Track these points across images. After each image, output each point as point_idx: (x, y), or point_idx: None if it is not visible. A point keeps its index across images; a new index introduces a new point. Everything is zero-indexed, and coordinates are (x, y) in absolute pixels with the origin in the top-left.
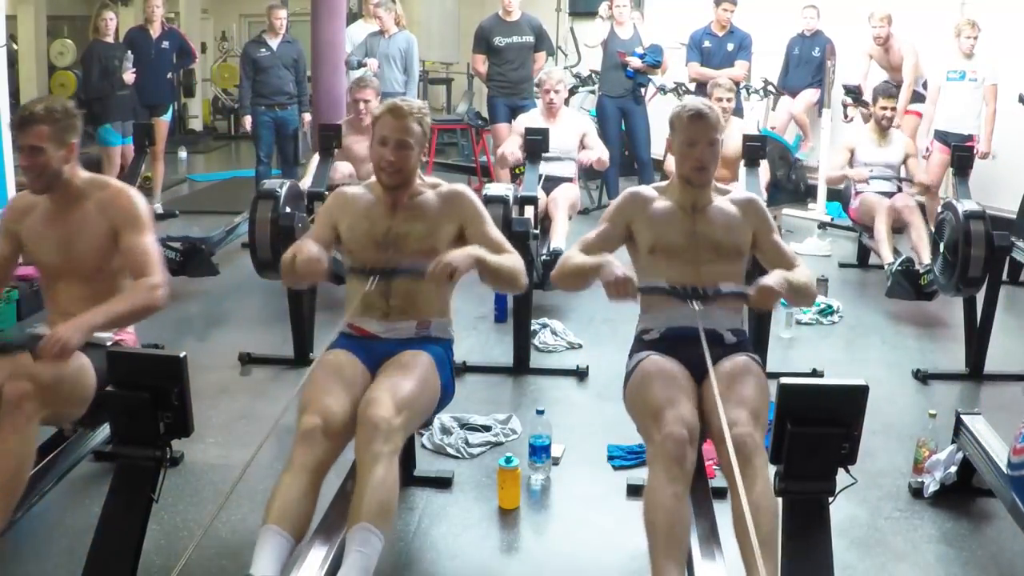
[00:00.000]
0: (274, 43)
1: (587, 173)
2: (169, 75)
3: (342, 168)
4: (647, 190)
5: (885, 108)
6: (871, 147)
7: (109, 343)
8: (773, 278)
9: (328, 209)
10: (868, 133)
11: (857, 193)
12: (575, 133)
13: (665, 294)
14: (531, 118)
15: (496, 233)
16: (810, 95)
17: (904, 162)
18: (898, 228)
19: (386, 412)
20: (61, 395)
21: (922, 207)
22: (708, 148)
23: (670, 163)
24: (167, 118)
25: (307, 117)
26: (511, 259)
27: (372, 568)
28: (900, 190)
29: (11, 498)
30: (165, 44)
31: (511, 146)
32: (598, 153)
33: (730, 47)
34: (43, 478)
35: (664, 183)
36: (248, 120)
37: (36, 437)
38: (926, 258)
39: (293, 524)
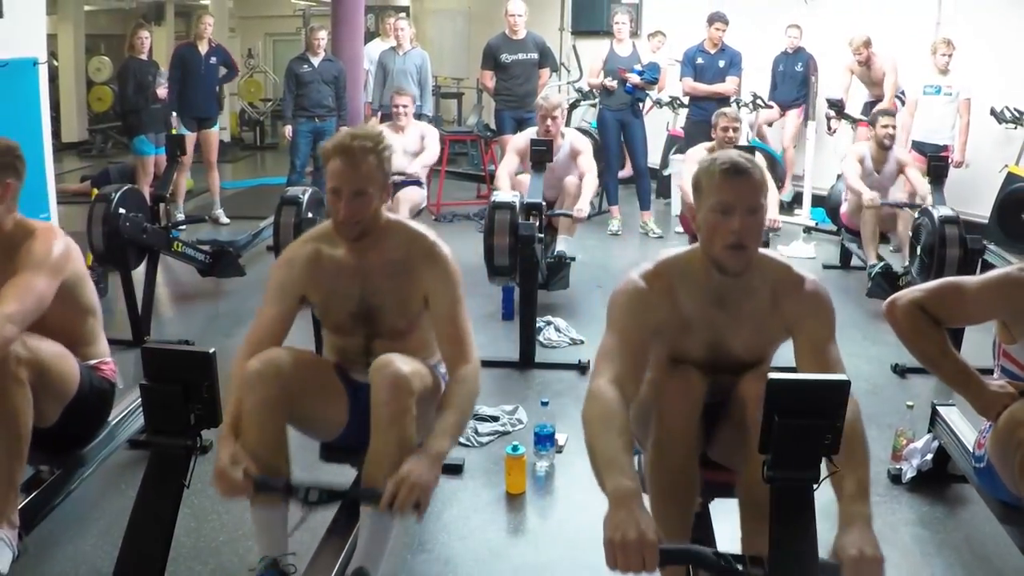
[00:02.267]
0: (315, 60)
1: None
2: (217, 89)
3: None
4: (663, 283)
5: (887, 126)
6: (871, 171)
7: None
8: (861, 537)
9: (284, 285)
10: (868, 152)
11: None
12: (570, 160)
13: (698, 565)
14: (530, 138)
15: (460, 319)
16: (795, 120)
17: (901, 172)
18: (883, 233)
19: (404, 369)
20: (44, 370)
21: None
22: (749, 217)
23: (689, 165)
24: (216, 129)
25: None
26: (465, 399)
27: (387, 544)
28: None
29: (16, 460)
30: (213, 60)
31: (505, 172)
32: (581, 205)
33: (721, 63)
34: (81, 465)
35: (689, 256)
36: (289, 130)
37: (29, 405)
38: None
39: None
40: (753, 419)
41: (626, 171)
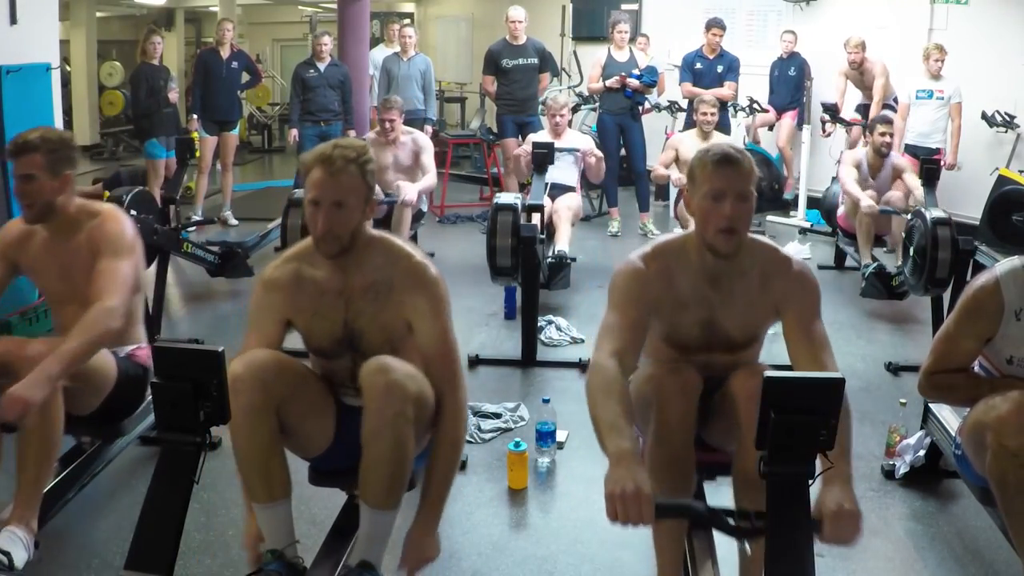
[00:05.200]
0: (321, 66)
1: (588, 183)
2: (239, 93)
3: None
4: (660, 264)
5: (884, 134)
6: (867, 177)
7: (122, 354)
8: (841, 493)
9: (265, 310)
10: (865, 157)
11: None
12: (577, 147)
13: (692, 519)
14: (540, 137)
15: (446, 345)
16: (789, 123)
17: (898, 179)
18: (879, 235)
19: (398, 372)
20: (82, 373)
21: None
22: (740, 204)
23: (683, 213)
24: (235, 133)
25: (352, 134)
26: (454, 461)
27: (387, 537)
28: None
29: (44, 468)
30: (234, 64)
31: (523, 150)
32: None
33: (719, 69)
34: (94, 461)
35: (683, 240)
36: (294, 133)
37: (61, 415)
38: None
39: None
40: (746, 411)
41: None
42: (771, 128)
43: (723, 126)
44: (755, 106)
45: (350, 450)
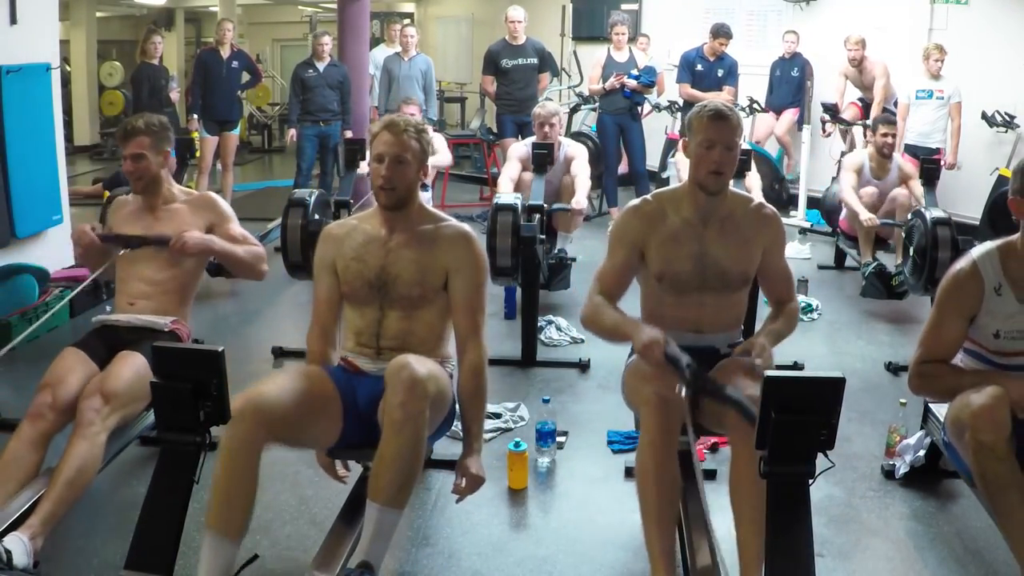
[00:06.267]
0: (321, 66)
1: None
2: (239, 93)
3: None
4: (654, 204)
5: (887, 135)
6: (871, 179)
7: (166, 328)
8: (764, 339)
9: (320, 260)
10: (868, 161)
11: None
12: (565, 168)
13: (681, 378)
14: (529, 146)
15: (479, 299)
16: (790, 116)
17: (904, 184)
18: (884, 239)
19: (420, 372)
20: (131, 396)
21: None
22: (726, 152)
23: (682, 165)
24: (236, 132)
25: (348, 134)
26: (484, 395)
27: (390, 538)
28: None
29: (72, 492)
30: (235, 64)
31: (507, 177)
32: (578, 198)
33: (720, 72)
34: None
35: (676, 188)
36: (293, 133)
37: (104, 446)
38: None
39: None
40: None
41: (622, 167)
42: (771, 134)
43: None
44: (755, 106)
45: (359, 426)
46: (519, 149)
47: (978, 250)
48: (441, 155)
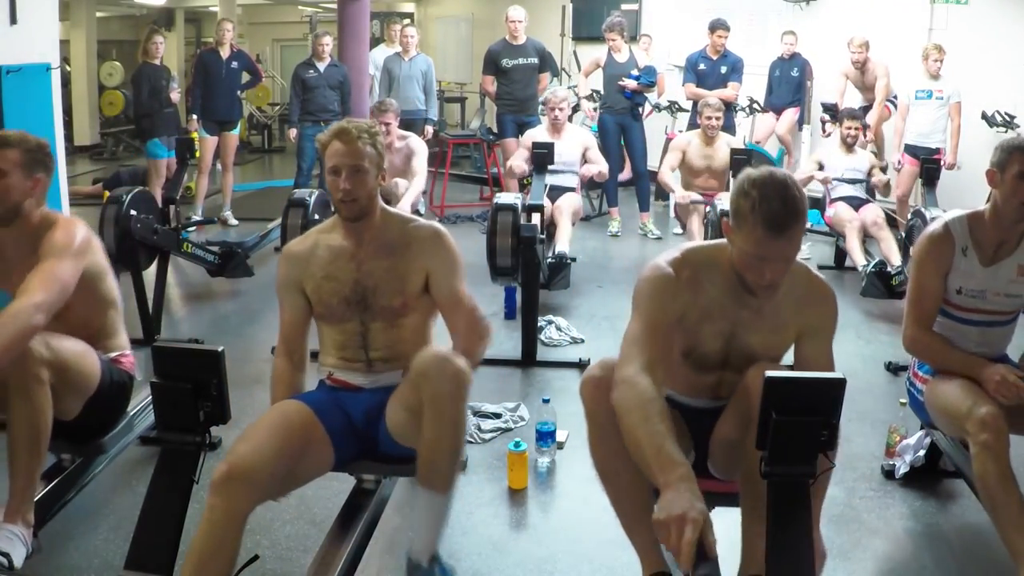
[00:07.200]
0: (321, 66)
1: (588, 183)
2: (239, 93)
3: None
4: (690, 273)
5: (850, 128)
6: (839, 158)
7: (105, 358)
8: None
9: (286, 281)
10: (835, 149)
11: (832, 202)
12: (578, 146)
13: None
14: (538, 133)
15: (461, 289)
16: (791, 115)
17: (869, 173)
18: (870, 235)
19: (461, 364)
20: (65, 369)
21: (892, 217)
22: (782, 265)
23: (682, 212)
24: (236, 133)
25: None
26: (475, 344)
27: (442, 519)
28: (868, 201)
29: (37, 458)
30: (234, 64)
31: (519, 159)
32: (599, 167)
33: (723, 69)
34: (93, 461)
35: (711, 252)
36: (294, 133)
37: (49, 403)
38: (896, 262)
39: None
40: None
41: (625, 174)
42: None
43: (727, 127)
44: (755, 106)
45: (350, 445)
46: (527, 139)
47: (948, 215)
48: (417, 181)
